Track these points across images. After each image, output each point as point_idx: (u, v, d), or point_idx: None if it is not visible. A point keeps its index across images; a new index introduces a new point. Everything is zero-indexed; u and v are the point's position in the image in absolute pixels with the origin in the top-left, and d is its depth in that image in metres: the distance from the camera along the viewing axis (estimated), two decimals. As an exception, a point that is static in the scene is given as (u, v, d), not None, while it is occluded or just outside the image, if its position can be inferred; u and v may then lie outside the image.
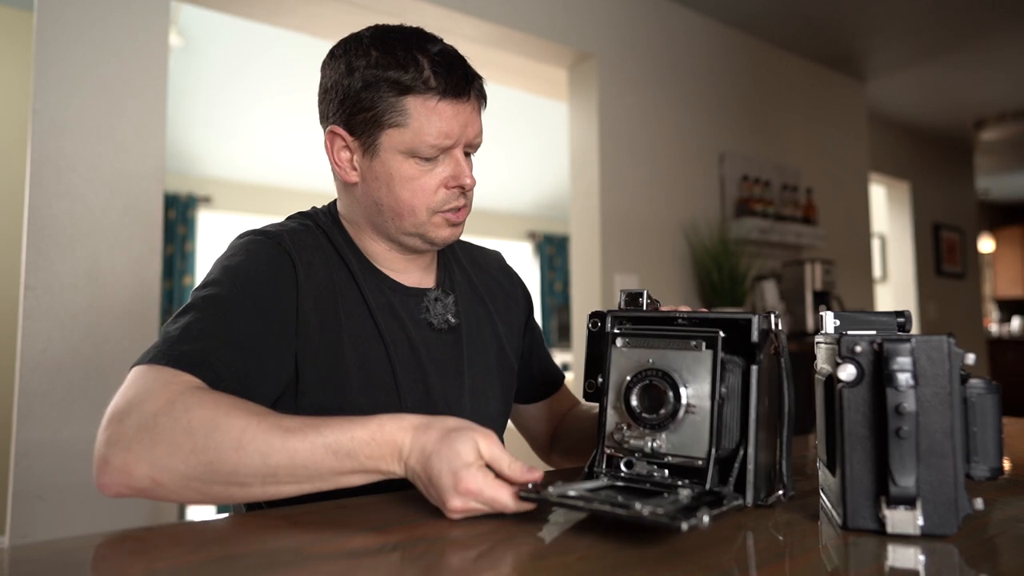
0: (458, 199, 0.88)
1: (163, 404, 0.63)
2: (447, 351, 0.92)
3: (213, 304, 0.76)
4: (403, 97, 0.82)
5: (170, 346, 0.70)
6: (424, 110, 0.82)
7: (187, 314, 0.74)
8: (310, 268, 0.85)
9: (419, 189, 0.85)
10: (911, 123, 5.18)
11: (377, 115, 0.83)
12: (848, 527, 0.60)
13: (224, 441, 0.61)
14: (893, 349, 0.58)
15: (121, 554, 0.54)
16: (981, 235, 7.08)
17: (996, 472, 0.60)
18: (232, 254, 0.83)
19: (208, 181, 5.01)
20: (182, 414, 0.62)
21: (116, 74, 1.90)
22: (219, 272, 0.80)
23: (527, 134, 5.16)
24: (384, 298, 0.89)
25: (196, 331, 0.72)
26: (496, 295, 1.04)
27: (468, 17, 2.58)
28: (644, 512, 0.52)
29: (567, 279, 6.54)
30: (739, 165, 3.48)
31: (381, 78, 0.82)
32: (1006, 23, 3.58)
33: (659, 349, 0.66)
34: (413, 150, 0.83)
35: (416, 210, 0.86)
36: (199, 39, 3.64)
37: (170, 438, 0.61)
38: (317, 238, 0.89)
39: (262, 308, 0.78)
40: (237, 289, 0.78)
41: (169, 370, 0.68)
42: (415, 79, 0.82)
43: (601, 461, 0.67)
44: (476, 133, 0.88)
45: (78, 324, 1.80)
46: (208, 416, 0.63)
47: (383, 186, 0.86)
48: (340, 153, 0.88)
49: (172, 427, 0.62)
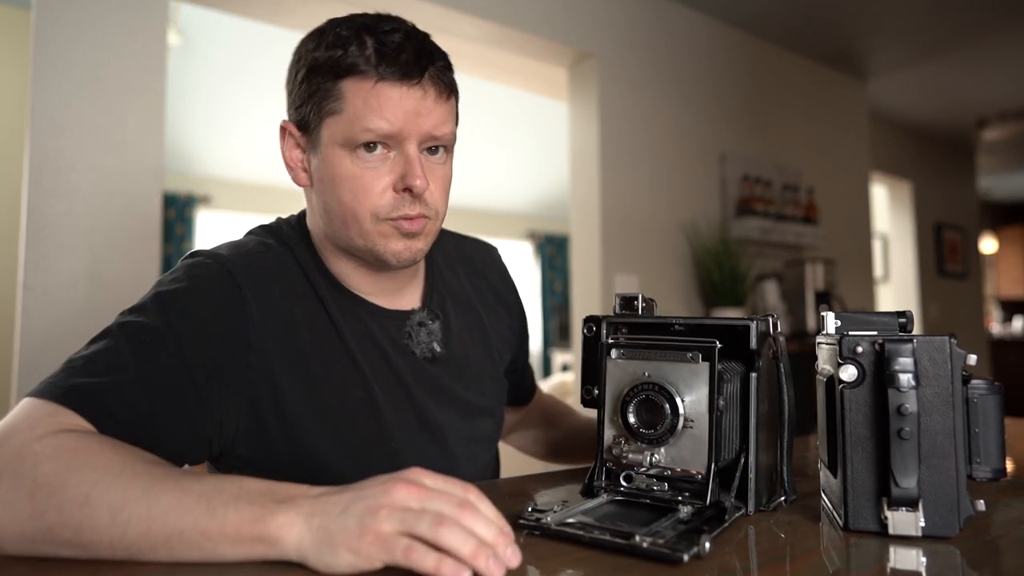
0: (410, 206, 0.74)
1: (14, 455, 0.54)
2: (436, 377, 0.84)
3: (132, 333, 0.66)
4: (340, 80, 0.72)
5: (67, 376, 0.62)
6: (360, 92, 0.71)
7: (100, 341, 0.66)
8: (268, 302, 0.74)
9: (360, 190, 0.73)
10: (912, 122, 5.17)
11: (317, 103, 0.73)
12: (850, 528, 0.60)
13: (70, 498, 0.51)
14: (895, 350, 0.57)
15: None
16: (983, 235, 7.08)
17: (998, 473, 0.60)
18: (173, 277, 0.72)
19: (207, 180, 5.01)
20: (30, 469, 0.53)
21: (115, 73, 1.89)
22: (151, 297, 0.70)
23: (527, 134, 5.16)
24: (360, 324, 0.79)
25: (103, 363, 0.63)
26: (492, 307, 0.96)
27: (468, 16, 2.57)
28: (644, 544, 0.52)
29: (567, 279, 6.54)
30: (740, 165, 3.48)
31: (321, 61, 0.73)
32: (1007, 22, 3.58)
33: (655, 361, 0.65)
34: (350, 141, 0.72)
35: (358, 215, 0.74)
36: (198, 38, 3.64)
37: (9, 499, 0.52)
38: (282, 259, 0.78)
39: (188, 346, 0.67)
40: (164, 320, 0.67)
41: (51, 407, 0.59)
42: (355, 58, 0.71)
43: (600, 475, 0.67)
44: (435, 125, 0.74)
45: (77, 324, 1.80)
46: (59, 470, 0.53)
47: (328, 187, 0.75)
48: (291, 152, 0.79)
49: (15, 486, 0.52)
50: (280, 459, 0.74)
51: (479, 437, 0.89)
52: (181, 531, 0.50)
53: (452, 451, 0.84)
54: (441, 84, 0.75)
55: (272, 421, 0.73)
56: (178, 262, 0.76)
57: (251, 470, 0.67)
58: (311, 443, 0.74)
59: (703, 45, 3.40)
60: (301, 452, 0.74)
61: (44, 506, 0.51)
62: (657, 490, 0.64)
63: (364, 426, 0.77)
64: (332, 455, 0.75)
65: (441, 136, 0.76)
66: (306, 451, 0.74)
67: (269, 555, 0.50)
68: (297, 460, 0.74)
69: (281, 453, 0.74)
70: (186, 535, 0.50)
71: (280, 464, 0.73)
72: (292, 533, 0.49)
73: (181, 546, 0.50)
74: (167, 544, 0.50)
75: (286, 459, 0.74)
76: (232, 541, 0.50)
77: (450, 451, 0.84)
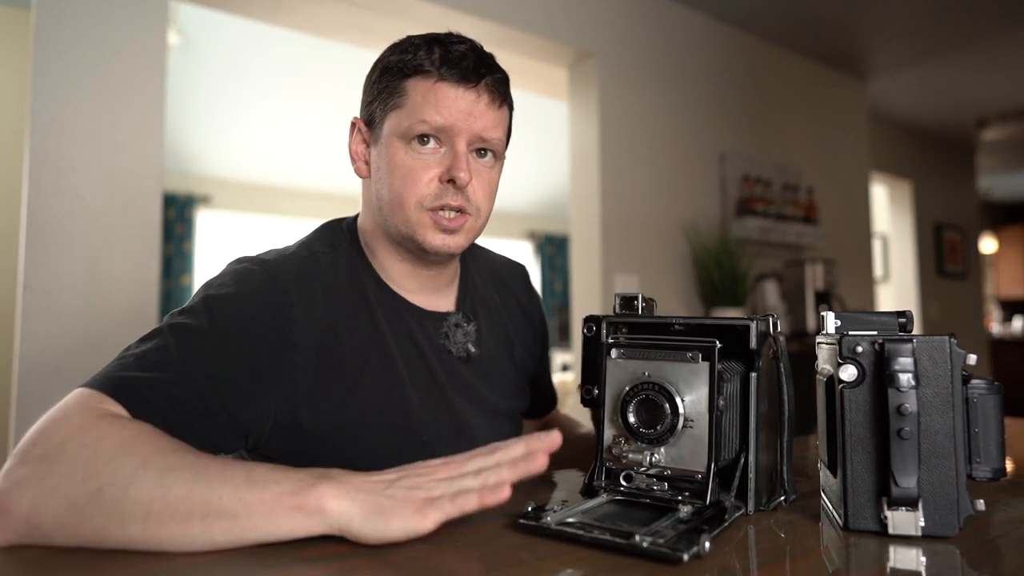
0: (452, 196, 0.80)
1: (77, 429, 0.57)
2: (467, 378, 0.89)
3: (181, 335, 0.70)
4: (405, 79, 0.80)
5: (120, 370, 0.66)
6: (421, 89, 0.79)
7: (152, 339, 0.70)
8: (311, 304, 0.78)
9: (410, 178, 0.80)
10: (912, 122, 5.17)
11: (383, 99, 0.82)
12: (849, 528, 0.60)
13: (127, 462, 0.54)
14: (894, 349, 0.57)
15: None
16: (983, 235, 7.08)
17: (998, 473, 0.60)
18: (220, 282, 0.77)
19: (207, 180, 5.01)
20: (93, 441, 0.56)
21: (115, 73, 1.89)
22: (200, 300, 0.74)
23: (527, 134, 5.15)
24: (402, 323, 0.85)
25: (153, 360, 0.67)
26: (516, 317, 1.01)
27: (468, 16, 2.58)
28: (644, 544, 0.52)
29: (567, 279, 6.54)
30: (740, 165, 3.48)
31: (392, 63, 0.82)
32: (1007, 22, 3.58)
33: (655, 360, 0.65)
34: (407, 132, 0.80)
35: (405, 202, 0.80)
36: (198, 38, 3.64)
37: (68, 464, 0.54)
38: (328, 263, 0.83)
39: (233, 348, 0.72)
40: (212, 324, 0.72)
41: (101, 396, 0.62)
42: (421, 60, 0.80)
43: (600, 474, 0.67)
44: (485, 127, 0.81)
45: (77, 324, 1.80)
46: (121, 442, 0.56)
47: (383, 176, 0.82)
48: (356, 145, 0.87)
49: (76, 453, 0.55)
50: (312, 454, 0.76)
51: (500, 439, 0.91)
52: (221, 496, 0.52)
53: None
54: (495, 92, 0.82)
55: (307, 419, 0.76)
56: (225, 267, 0.81)
57: (282, 462, 0.69)
58: (344, 441, 0.78)
59: (703, 45, 3.40)
60: (333, 449, 0.77)
61: (101, 467, 0.54)
62: (657, 490, 0.64)
63: (397, 425, 0.81)
64: (364, 451, 0.78)
65: (490, 139, 0.82)
66: (338, 448, 0.78)
67: (307, 526, 0.52)
68: (329, 456, 0.76)
69: (313, 448, 0.77)
70: (225, 501, 0.52)
71: (312, 457, 0.75)
72: (337, 504, 0.53)
73: (215, 516, 0.52)
74: (203, 512, 0.52)
75: (318, 454, 0.76)
76: (270, 510, 0.52)
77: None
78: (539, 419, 1.13)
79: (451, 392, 0.86)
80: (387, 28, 2.58)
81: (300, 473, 0.56)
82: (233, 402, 0.70)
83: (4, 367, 2.89)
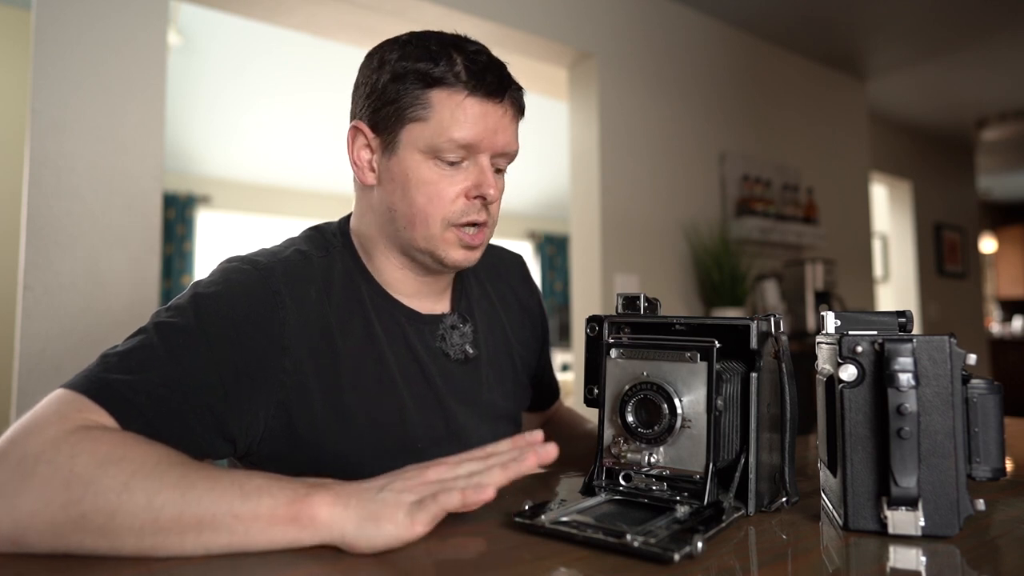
0: (479, 212, 0.80)
1: (48, 445, 0.54)
2: (464, 380, 0.87)
3: (167, 333, 0.67)
4: (429, 90, 0.76)
5: (102, 371, 0.63)
6: (449, 104, 0.76)
7: (135, 338, 0.67)
8: (304, 306, 0.76)
9: (436, 195, 0.78)
10: (912, 122, 5.17)
11: (400, 108, 0.77)
12: (849, 528, 0.60)
13: (108, 486, 0.52)
14: (894, 349, 0.57)
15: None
16: (983, 235, 7.08)
17: (998, 473, 0.60)
18: (210, 281, 0.74)
19: (207, 180, 5.01)
20: (66, 460, 0.53)
21: (115, 73, 1.89)
22: (188, 298, 0.72)
23: (527, 133, 5.13)
24: (398, 328, 0.83)
25: (137, 359, 0.64)
26: (514, 312, 0.99)
27: (468, 16, 2.58)
28: (635, 543, 0.52)
29: (567, 279, 6.54)
30: (740, 165, 3.48)
31: (409, 70, 0.77)
32: (1007, 22, 3.58)
33: (654, 360, 0.65)
34: (433, 148, 0.77)
35: (430, 219, 0.78)
36: (199, 38, 3.64)
37: (42, 488, 0.52)
38: (322, 266, 0.81)
39: (220, 348, 0.69)
40: (199, 324, 0.69)
41: (82, 400, 0.59)
42: (445, 71, 0.76)
43: (600, 474, 0.67)
44: (507, 142, 0.81)
45: (77, 324, 1.80)
46: (97, 461, 0.53)
47: (399, 188, 0.79)
48: (360, 152, 0.82)
49: (50, 476, 0.52)
50: (306, 459, 0.75)
51: (502, 438, 0.91)
52: (214, 514, 0.52)
53: None
54: (517, 106, 0.83)
55: (300, 423, 0.74)
56: (216, 266, 0.78)
57: (275, 469, 0.68)
58: (338, 445, 0.76)
59: (703, 45, 3.40)
60: (327, 453, 0.76)
61: (80, 494, 0.52)
62: (656, 490, 0.64)
63: (392, 429, 0.80)
64: (358, 456, 0.77)
65: (510, 153, 0.82)
66: (332, 452, 0.76)
67: (300, 538, 0.52)
68: (323, 461, 0.76)
69: (307, 453, 0.75)
70: (218, 518, 0.52)
71: (305, 464, 0.74)
72: (330, 513, 0.52)
73: (210, 531, 0.51)
74: (197, 528, 0.51)
75: (312, 459, 0.75)
76: (265, 524, 0.52)
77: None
78: (543, 412, 1.12)
79: (447, 396, 0.84)
80: (387, 28, 2.58)
81: (294, 483, 0.55)
82: (219, 403, 0.68)
83: (4, 367, 2.89)
